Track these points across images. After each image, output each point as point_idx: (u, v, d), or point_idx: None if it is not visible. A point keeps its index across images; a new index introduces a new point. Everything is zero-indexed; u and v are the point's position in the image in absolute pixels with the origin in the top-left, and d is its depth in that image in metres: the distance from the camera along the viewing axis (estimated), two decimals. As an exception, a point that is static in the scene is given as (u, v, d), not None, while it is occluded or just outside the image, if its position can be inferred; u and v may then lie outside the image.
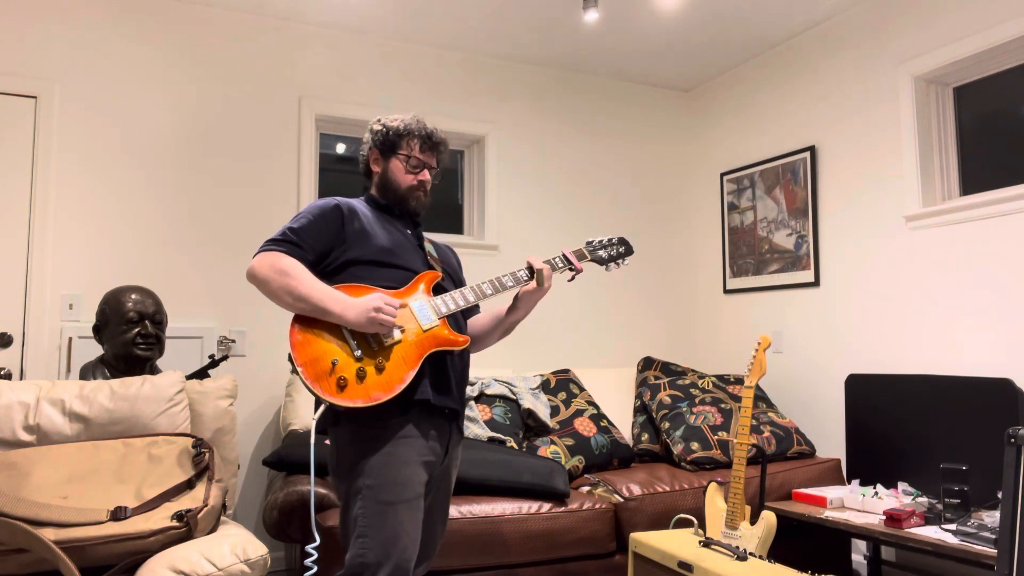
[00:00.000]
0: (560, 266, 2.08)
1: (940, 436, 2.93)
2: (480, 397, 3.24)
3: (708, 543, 2.27)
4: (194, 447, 2.05)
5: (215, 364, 2.95)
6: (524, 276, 2.03)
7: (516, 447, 3.07)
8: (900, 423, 3.09)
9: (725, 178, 4.33)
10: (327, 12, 3.59)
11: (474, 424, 3.07)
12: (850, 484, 3.10)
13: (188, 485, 1.92)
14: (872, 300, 3.43)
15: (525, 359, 4.05)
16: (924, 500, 2.74)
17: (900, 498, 2.81)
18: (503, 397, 3.26)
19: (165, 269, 3.36)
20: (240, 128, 3.55)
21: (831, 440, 3.61)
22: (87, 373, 2.57)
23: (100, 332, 2.62)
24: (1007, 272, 2.91)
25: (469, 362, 2.07)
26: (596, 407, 3.43)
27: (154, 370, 2.68)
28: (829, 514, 2.76)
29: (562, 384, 3.52)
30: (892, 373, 3.23)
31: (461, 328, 2.01)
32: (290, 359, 1.75)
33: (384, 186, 2.05)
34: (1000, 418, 2.74)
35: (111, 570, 1.73)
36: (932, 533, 2.46)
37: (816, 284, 3.71)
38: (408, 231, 2.05)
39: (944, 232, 3.14)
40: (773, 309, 3.97)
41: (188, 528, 1.81)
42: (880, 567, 3.15)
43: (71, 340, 3.13)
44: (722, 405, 3.46)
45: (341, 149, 3.97)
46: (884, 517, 2.60)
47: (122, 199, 3.32)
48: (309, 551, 1.74)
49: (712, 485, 2.77)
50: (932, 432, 2.96)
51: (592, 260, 2.18)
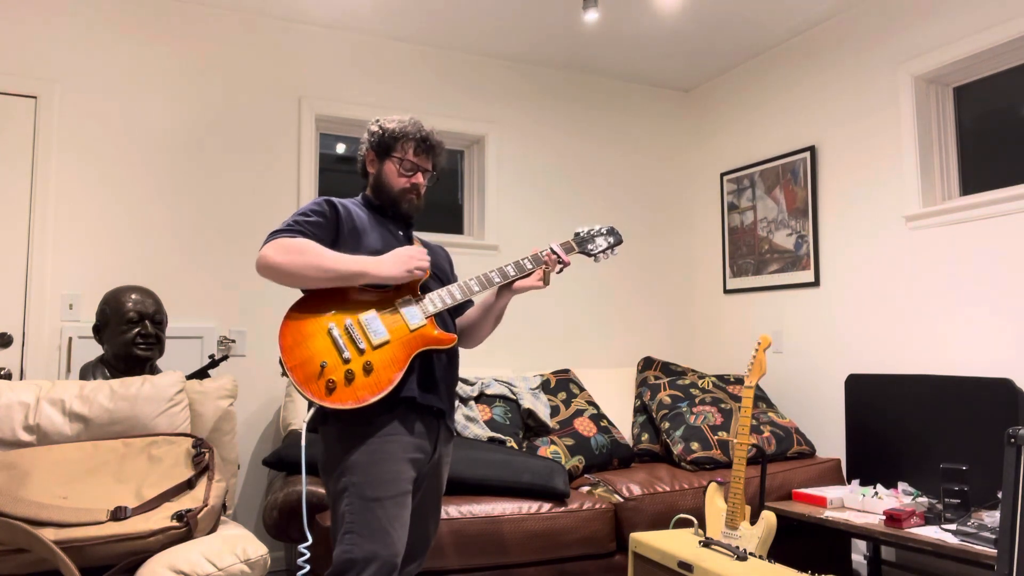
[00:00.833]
0: (548, 257, 2.08)
1: (940, 436, 2.93)
2: (480, 397, 3.24)
3: (708, 543, 2.27)
4: (194, 447, 2.05)
5: (215, 364, 2.95)
6: (511, 272, 2.02)
7: (516, 447, 3.07)
8: (900, 423, 3.09)
9: (725, 178, 4.33)
10: (327, 12, 3.59)
11: (474, 424, 3.07)
12: (850, 484, 3.10)
13: (188, 485, 1.92)
14: (872, 300, 3.43)
15: (525, 359, 4.05)
16: (924, 500, 2.74)
17: (900, 498, 2.81)
18: (503, 397, 3.26)
19: (165, 269, 3.36)
20: (240, 128, 3.55)
21: (831, 440, 3.60)
22: (87, 373, 2.57)
23: (100, 332, 2.62)
24: (1007, 272, 2.91)
25: (457, 361, 2.07)
26: (596, 407, 3.43)
27: (154, 370, 2.68)
28: (829, 514, 2.76)
29: (562, 384, 3.52)
30: (892, 373, 3.23)
31: (449, 327, 2.02)
32: (280, 362, 1.76)
33: (378, 188, 2.07)
34: (1000, 418, 2.74)
35: (111, 570, 1.73)
36: (932, 533, 2.46)
37: (816, 284, 3.71)
38: (400, 232, 2.07)
39: (944, 232, 3.14)
40: (773, 309, 3.97)
41: (188, 528, 1.81)
42: (880, 567, 3.15)
43: (71, 340, 3.13)
44: (722, 405, 3.46)
45: (341, 149, 3.97)
46: (884, 517, 2.60)
47: (122, 199, 3.32)
48: (302, 551, 1.74)
49: (712, 485, 2.77)
50: (932, 432, 2.96)
51: (580, 252, 2.16)
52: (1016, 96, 3.06)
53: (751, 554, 2.19)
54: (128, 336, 2.56)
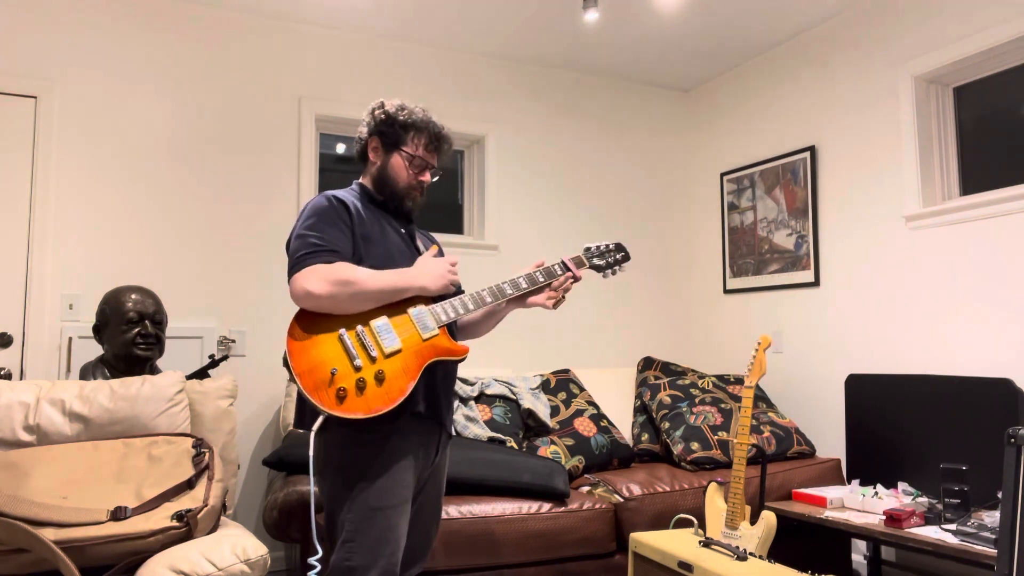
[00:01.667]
0: (559, 273, 2.05)
1: (940, 436, 2.93)
2: (480, 397, 3.24)
3: (708, 543, 2.26)
4: (194, 447, 2.05)
5: (215, 364, 2.94)
6: (523, 284, 1.99)
7: (516, 447, 3.07)
8: (900, 423, 3.09)
9: (725, 178, 4.33)
10: (327, 12, 3.59)
11: (474, 424, 3.07)
12: (850, 484, 3.10)
13: (188, 485, 1.92)
14: (872, 300, 3.43)
15: (525, 359, 4.05)
16: (924, 500, 2.74)
17: (900, 498, 2.81)
18: (503, 397, 3.26)
19: (165, 269, 3.36)
20: (240, 128, 3.55)
21: (831, 440, 3.60)
22: (87, 373, 2.57)
23: (100, 332, 2.62)
24: (1007, 272, 2.91)
25: (457, 367, 2.02)
26: (596, 407, 3.43)
27: (154, 370, 2.68)
28: (829, 514, 2.76)
29: (562, 384, 3.52)
30: (892, 373, 3.23)
31: (455, 335, 2.00)
32: (286, 366, 1.73)
33: (381, 180, 1.97)
34: (1000, 418, 2.74)
35: (111, 570, 1.73)
36: (932, 533, 2.46)
37: (816, 284, 3.71)
38: (402, 230, 1.99)
39: (944, 232, 3.14)
40: (773, 309, 3.97)
41: (188, 528, 1.81)
42: (880, 567, 3.15)
43: (71, 340, 3.13)
44: (722, 405, 3.46)
45: (341, 149, 3.97)
46: (884, 517, 2.60)
47: (122, 199, 3.32)
48: (313, 563, 1.72)
49: (712, 485, 2.77)
50: (932, 432, 2.96)
51: (590, 268, 2.15)
52: (1016, 96, 3.06)
53: (751, 554, 2.19)
54: (128, 336, 2.56)
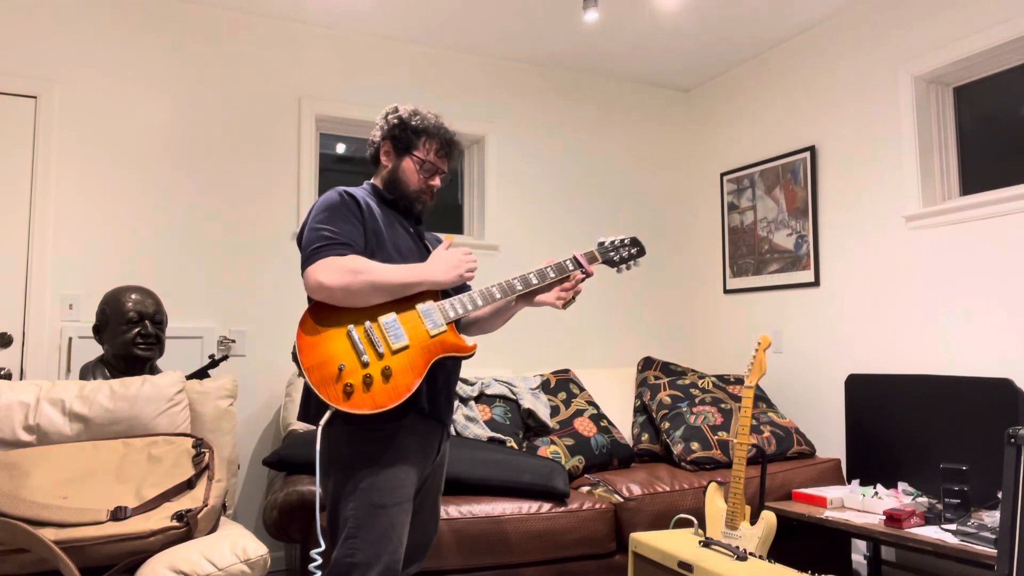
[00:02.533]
0: (571, 268, 2.05)
1: (940, 436, 2.93)
2: (480, 397, 3.24)
3: (708, 543, 2.26)
4: (194, 447, 2.05)
5: (215, 364, 2.95)
6: (534, 280, 1.99)
7: (516, 447, 3.07)
8: (900, 423, 3.09)
9: (725, 178, 4.33)
10: (327, 12, 3.59)
11: (474, 424, 3.07)
12: (850, 484, 3.10)
13: (188, 485, 1.92)
14: (872, 300, 3.43)
15: (525, 359, 4.05)
16: (924, 500, 2.74)
17: (900, 498, 2.81)
18: (503, 397, 3.26)
19: (165, 269, 3.36)
20: (240, 128, 3.55)
21: (831, 440, 3.60)
22: (87, 373, 2.57)
23: (100, 332, 2.62)
24: (1007, 272, 2.91)
25: (460, 368, 2.03)
26: (596, 407, 3.43)
27: (154, 370, 2.68)
28: (829, 514, 2.76)
29: (562, 384, 3.52)
30: (892, 373, 3.23)
31: (462, 331, 2.00)
32: (295, 360, 1.74)
33: (392, 183, 1.99)
34: (1000, 418, 2.74)
35: (111, 570, 1.73)
36: (932, 533, 2.46)
37: (816, 284, 3.71)
38: (411, 229, 2.01)
39: (944, 232, 3.14)
40: (773, 309, 3.97)
41: (188, 528, 1.81)
42: (880, 567, 3.15)
43: (71, 340, 3.13)
44: (722, 405, 3.46)
45: (341, 149, 3.97)
46: (884, 517, 2.60)
47: (122, 199, 3.32)
48: (314, 556, 1.73)
49: (712, 485, 2.77)
50: (932, 432, 2.96)
51: (604, 263, 2.13)
52: (1016, 96, 3.06)
53: (751, 554, 2.19)
54: (128, 336, 2.56)
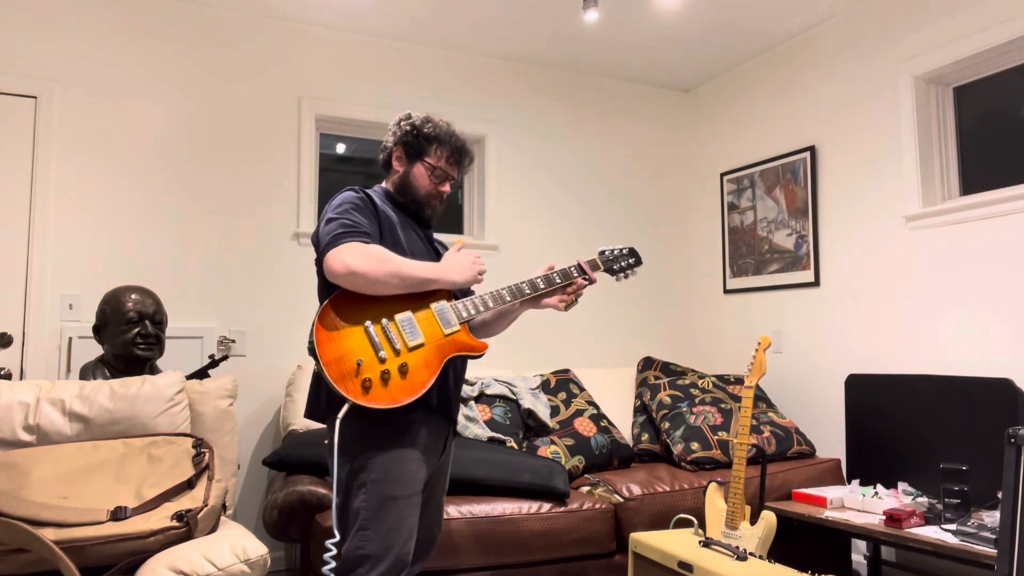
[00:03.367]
0: (575, 275, 2.12)
1: (940, 436, 2.93)
2: (480, 397, 3.24)
3: (708, 543, 2.26)
4: (194, 447, 2.05)
5: (215, 364, 2.95)
6: (541, 285, 2.05)
7: (516, 447, 3.07)
8: (900, 423, 3.09)
9: (725, 178, 4.33)
10: (327, 12, 3.59)
11: (474, 424, 3.07)
12: (850, 484, 3.10)
13: (188, 485, 1.92)
14: (872, 300, 3.43)
15: (525, 359, 4.05)
16: (924, 500, 2.74)
17: (900, 498, 2.81)
18: (503, 397, 3.26)
19: (165, 269, 3.36)
20: (240, 128, 3.55)
21: (831, 440, 3.60)
22: (87, 373, 2.57)
23: (100, 332, 2.62)
24: (1007, 272, 2.91)
25: (466, 368, 2.10)
26: (596, 407, 3.43)
27: (154, 370, 2.68)
28: (829, 514, 2.76)
29: (562, 384, 3.52)
30: (892, 373, 3.23)
31: (472, 332, 2.04)
32: (312, 354, 1.76)
33: (403, 188, 2.05)
34: (1000, 418, 2.74)
35: (111, 570, 1.73)
36: (932, 533, 2.46)
37: (816, 284, 3.71)
38: (421, 233, 2.06)
39: (944, 232, 3.14)
40: (773, 309, 3.97)
41: (188, 528, 1.81)
42: (880, 567, 3.15)
43: (71, 340, 3.13)
44: (722, 405, 3.46)
45: (341, 149, 3.97)
46: (884, 517, 2.60)
47: (122, 199, 3.32)
48: (329, 546, 1.74)
49: (712, 485, 2.77)
50: (932, 432, 2.96)
51: (604, 271, 2.21)
52: (1016, 96, 3.06)
53: (751, 554, 2.19)
54: (128, 336, 2.56)
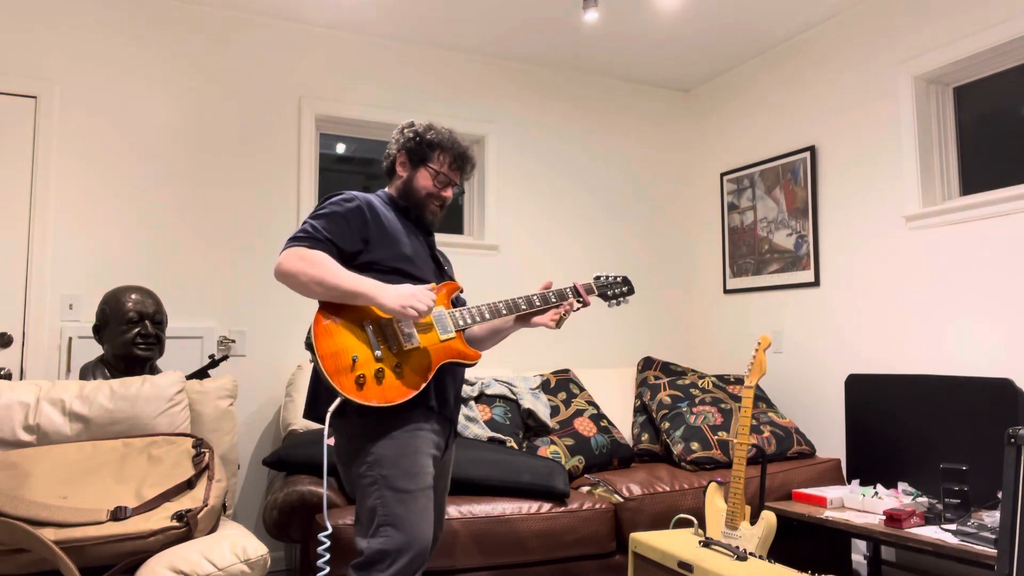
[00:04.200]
0: (570, 296, 2.18)
1: (940, 436, 2.93)
2: (480, 397, 3.24)
3: (708, 543, 2.26)
4: (194, 447, 2.05)
5: (215, 364, 2.95)
6: (537, 302, 2.09)
7: (516, 447, 3.07)
8: (900, 423, 3.08)
9: (725, 178, 4.33)
10: (327, 12, 3.59)
11: (474, 424, 3.07)
12: (850, 484, 3.10)
13: (188, 485, 1.92)
14: (872, 300, 3.43)
15: (525, 359, 4.05)
16: (924, 500, 2.74)
17: (900, 498, 2.81)
18: (503, 397, 3.26)
19: (165, 269, 3.36)
20: (240, 128, 3.55)
21: (831, 440, 3.60)
22: (87, 373, 2.57)
23: (100, 332, 2.62)
24: (1007, 272, 2.91)
25: (465, 372, 2.13)
26: (596, 407, 3.43)
27: (154, 370, 2.68)
28: (829, 514, 2.76)
29: (562, 384, 3.52)
30: (892, 373, 3.23)
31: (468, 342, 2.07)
32: (309, 347, 1.78)
33: (406, 193, 2.08)
34: (1000, 418, 2.74)
35: (111, 570, 1.73)
36: (932, 533, 2.46)
37: (816, 284, 3.71)
38: (423, 239, 2.09)
39: (944, 232, 3.14)
40: (773, 309, 3.97)
41: (188, 528, 1.81)
42: (880, 567, 3.15)
43: (71, 340, 3.13)
44: (722, 405, 3.46)
45: (341, 149, 3.97)
46: (884, 517, 2.60)
47: (122, 199, 3.32)
48: (321, 539, 1.76)
49: (712, 485, 2.77)
50: (932, 432, 2.96)
51: (598, 296, 2.28)
52: (1016, 96, 3.06)
53: (751, 554, 2.19)
54: (128, 336, 2.56)
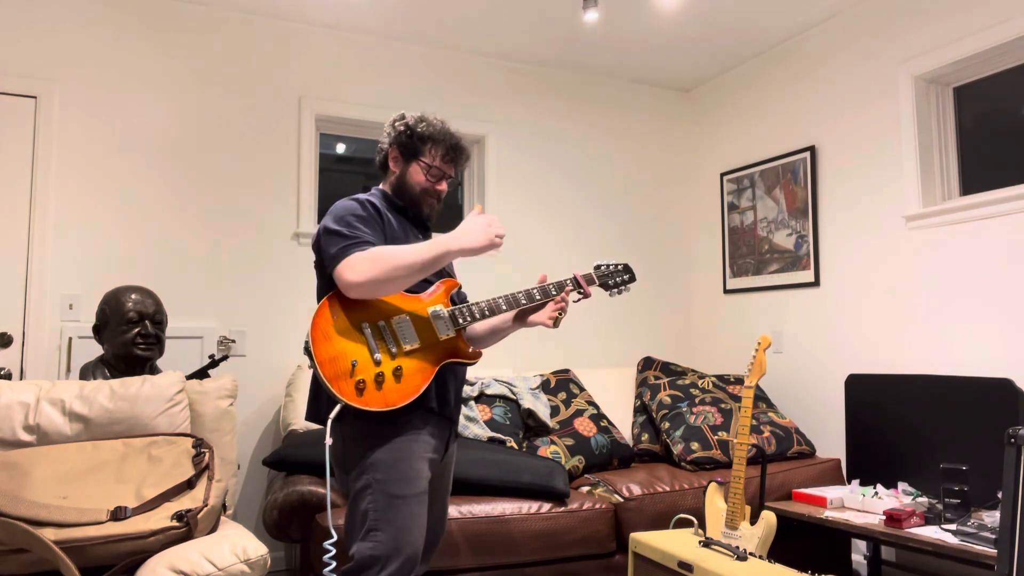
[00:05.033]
0: (571, 288, 2.13)
1: (940, 436, 2.93)
2: (480, 397, 3.24)
3: (708, 543, 2.26)
4: (194, 447, 2.05)
5: (215, 364, 2.95)
6: (537, 296, 2.05)
7: (516, 447, 3.07)
8: (900, 423, 3.08)
9: (725, 178, 4.33)
10: (326, 12, 3.59)
11: (474, 424, 3.07)
12: (850, 484, 3.10)
13: (188, 485, 1.92)
14: (872, 300, 3.43)
15: (525, 359, 4.05)
16: (924, 500, 2.74)
17: (900, 498, 2.81)
18: (503, 397, 3.26)
19: (165, 269, 3.36)
20: (240, 128, 3.55)
21: (831, 440, 3.60)
22: (87, 373, 2.57)
23: (100, 332, 2.62)
24: (1007, 272, 2.91)
25: (467, 370, 2.09)
26: (596, 407, 3.43)
27: (154, 370, 2.68)
28: (829, 514, 2.76)
29: (562, 384, 3.52)
30: (892, 373, 3.23)
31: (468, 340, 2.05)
32: (307, 352, 1.76)
33: (400, 188, 2.04)
34: (1000, 418, 2.74)
35: (111, 570, 1.73)
36: (932, 533, 2.46)
37: (816, 284, 3.71)
38: (421, 237, 2.06)
39: (944, 232, 3.14)
40: (773, 309, 3.97)
41: (188, 528, 1.81)
42: (880, 567, 3.15)
43: (71, 340, 3.13)
44: (722, 405, 3.45)
45: (341, 149, 3.97)
46: (884, 517, 2.60)
47: (122, 199, 3.32)
48: (327, 547, 1.74)
49: (712, 485, 2.77)
50: (932, 432, 2.96)
51: (599, 286, 2.23)
52: (1016, 96, 3.06)
53: (751, 554, 2.19)
54: (128, 336, 2.56)
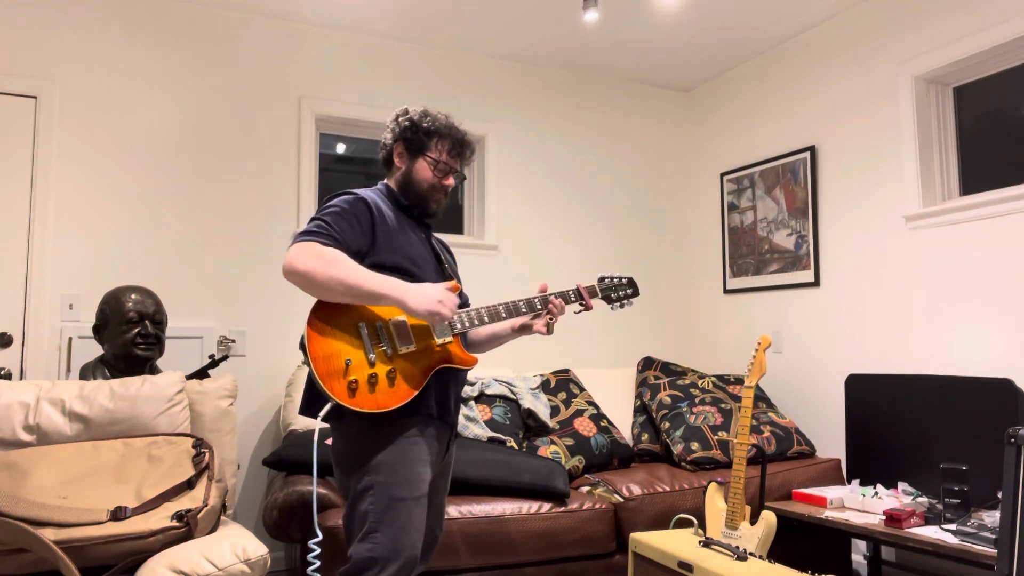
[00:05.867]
0: (573, 299, 2.14)
1: (940, 436, 2.93)
2: (480, 397, 3.24)
3: (708, 543, 2.26)
4: (194, 447, 2.05)
5: (215, 364, 2.94)
6: (537, 305, 2.04)
7: (516, 447, 3.07)
8: (900, 423, 3.09)
9: (725, 178, 4.33)
10: (326, 12, 3.59)
11: (474, 424, 3.07)
12: (850, 484, 3.10)
13: (188, 485, 1.92)
14: (872, 300, 3.43)
15: (525, 359, 4.05)
16: (924, 500, 2.74)
17: (900, 498, 2.81)
18: (503, 397, 3.26)
19: (165, 269, 3.36)
20: (240, 128, 3.55)
21: (831, 440, 3.60)
22: (87, 373, 2.57)
23: (100, 332, 2.62)
24: (1007, 272, 2.91)
25: (467, 374, 2.08)
26: (596, 407, 3.43)
27: (154, 370, 2.68)
28: (829, 514, 2.76)
29: (562, 384, 3.52)
30: (892, 373, 3.23)
31: (465, 345, 2.04)
32: (302, 348, 1.75)
33: (406, 185, 2.02)
34: (1000, 418, 2.74)
35: (111, 570, 1.73)
36: (932, 533, 2.46)
37: (816, 284, 3.71)
38: (423, 235, 2.04)
39: (944, 232, 3.14)
40: (773, 309, 3.97)
41: (188, 528, 1.81)
42: (880, 567, 3.15)
43: (71, 340, 3.13)
44: (722, 405, 3.46)
45: (341, 149, 3.97)
46: (884, 517, 2.60)
47: (122, 199, 3.32)
48: (311, 546, 1.74)
49: (712, 485, 2.77)
50: (932, 432, 2.96)
51: (602, 299, 2.23)
52: (1016, 96, 3.06)
53: (751, 554, 2.19)
54: (128, 336, 2.56)
